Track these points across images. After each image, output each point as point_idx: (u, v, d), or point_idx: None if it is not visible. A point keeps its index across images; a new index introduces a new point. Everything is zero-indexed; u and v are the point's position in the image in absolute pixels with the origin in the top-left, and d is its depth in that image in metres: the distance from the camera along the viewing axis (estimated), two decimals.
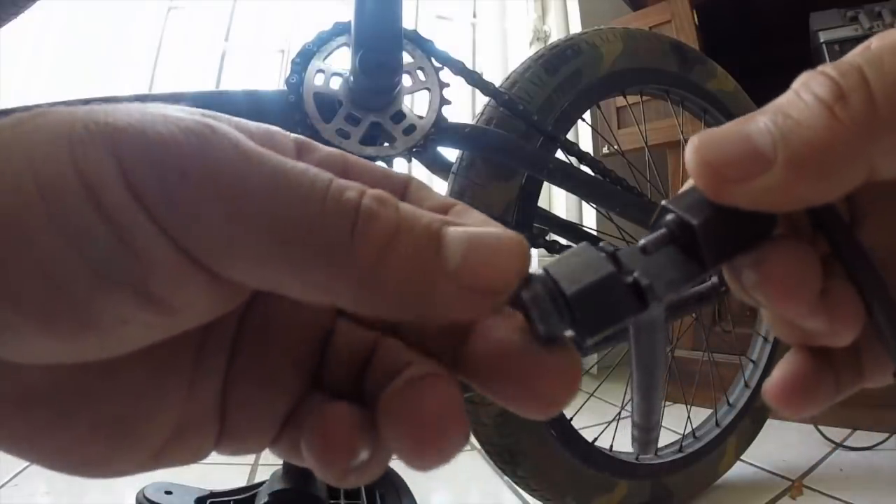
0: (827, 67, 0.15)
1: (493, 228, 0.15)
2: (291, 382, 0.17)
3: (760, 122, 0.16)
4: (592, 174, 0.75)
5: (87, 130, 0.12)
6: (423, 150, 0.61)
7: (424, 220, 0.14)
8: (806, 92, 0.15)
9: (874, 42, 0.16)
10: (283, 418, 0.17)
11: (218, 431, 0.17)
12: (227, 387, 0.17)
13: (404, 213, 0.14)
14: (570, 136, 0.77)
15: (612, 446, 0.84)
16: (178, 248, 0.13)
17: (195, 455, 0.17)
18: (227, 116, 0.16)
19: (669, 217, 0.17)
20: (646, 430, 0.21)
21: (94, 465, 0.15)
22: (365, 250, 0.13)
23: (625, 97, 0.85)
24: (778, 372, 0.20)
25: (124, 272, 0.12)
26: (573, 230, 0.87)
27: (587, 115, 0.86)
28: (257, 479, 0.73)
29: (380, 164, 0.59)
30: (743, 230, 0.17)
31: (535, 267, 0.15)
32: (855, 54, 0.16)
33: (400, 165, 0.63)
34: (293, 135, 0.18)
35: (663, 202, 0.17)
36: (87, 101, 0.13)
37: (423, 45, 0.63)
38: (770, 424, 0.99)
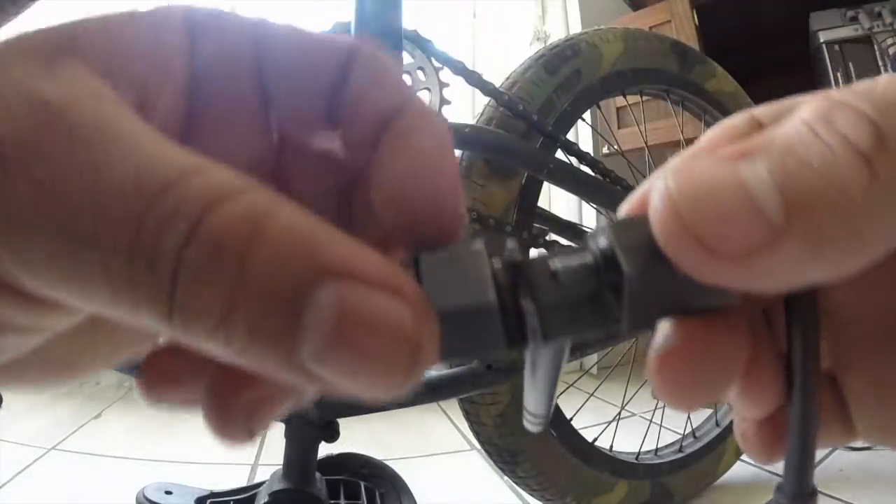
0: (854, 98, 0.11)
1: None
2: None
3: (760, 168, 0.11)
4: (592, 174, 0.75)
5: None
6: None
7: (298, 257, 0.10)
8: (829, 131, 0.11)
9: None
10: None
11: None
12: None
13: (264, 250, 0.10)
14: (570, 136, 0.77)
15: (612, 446, 0.84)
16: None
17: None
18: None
19: (602, 245, 0.13)
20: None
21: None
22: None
23: (625, 97, 0.85)
24: (743, 427, 0.17)
25: None
26: (573, 230, 0.87)
27: (587, 115, 0.86)
28: (257, 479, 0.73)
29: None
30: (688, 297, 0.13)
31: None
32: (881, 83, 0.12)
33: None
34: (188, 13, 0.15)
35: (607, 223, 0.14)
36: None
37: (423, 45, 0.63)
38: None
